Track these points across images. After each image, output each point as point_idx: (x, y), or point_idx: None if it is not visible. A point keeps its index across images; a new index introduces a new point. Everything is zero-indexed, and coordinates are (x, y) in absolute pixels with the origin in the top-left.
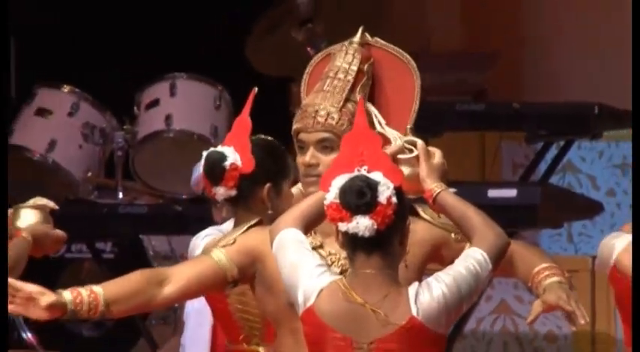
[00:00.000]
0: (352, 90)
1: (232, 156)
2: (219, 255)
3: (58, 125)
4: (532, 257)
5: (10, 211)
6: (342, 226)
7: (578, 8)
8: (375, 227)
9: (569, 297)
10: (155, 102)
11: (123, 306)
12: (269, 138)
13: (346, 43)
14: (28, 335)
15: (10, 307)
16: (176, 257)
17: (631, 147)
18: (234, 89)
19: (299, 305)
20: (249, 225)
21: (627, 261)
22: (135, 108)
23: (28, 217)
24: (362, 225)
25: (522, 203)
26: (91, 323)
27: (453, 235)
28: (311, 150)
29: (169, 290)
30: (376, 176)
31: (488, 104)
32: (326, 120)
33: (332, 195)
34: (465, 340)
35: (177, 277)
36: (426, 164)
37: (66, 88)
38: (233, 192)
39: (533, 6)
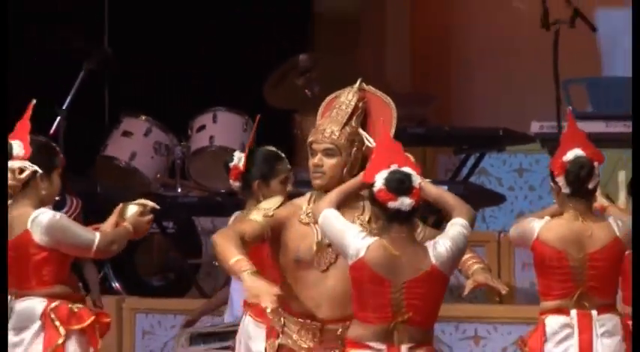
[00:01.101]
0: (350, 118)
1: (237, 159)
2: (262, 221)
3: (137, 142)
4: None
5: (120, 206)
6: (391, 204)
7: (494, 58)
8: (413, 204)
9: (492, 278)
10: (202, 127)
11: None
12: (272, 148)
13: (349, 88)
14: (116, 285)
15: (255, 299)
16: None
17: (525, 158)
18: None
19: (350, 257)
20: (280, 202)
21: (546, 234)
22: (189, 130)
23: (131, 210)
24: (405, 203)
25: None
26: (159, 276)
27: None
28: (318, 155)
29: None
30: (407, 169)
31: (428, 128)
32: (330, 135)
33: (379, 184)
34: None
35: (247, 234)
36: None
37: (143, 117)
38: (237, 184)
39: (463, 60)
